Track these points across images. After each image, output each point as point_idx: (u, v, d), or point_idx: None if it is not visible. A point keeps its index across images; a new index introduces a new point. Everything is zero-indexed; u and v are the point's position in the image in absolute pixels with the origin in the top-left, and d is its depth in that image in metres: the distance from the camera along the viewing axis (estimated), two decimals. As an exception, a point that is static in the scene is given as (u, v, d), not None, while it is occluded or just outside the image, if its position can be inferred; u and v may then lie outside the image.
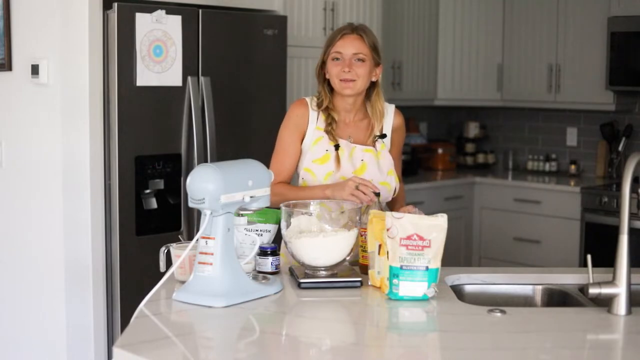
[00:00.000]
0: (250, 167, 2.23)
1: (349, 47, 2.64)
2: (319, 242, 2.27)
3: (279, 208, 2.37)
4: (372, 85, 2.73)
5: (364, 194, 2.47)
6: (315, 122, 2.71)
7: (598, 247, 4.27)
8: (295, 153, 2.72)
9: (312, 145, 2.69)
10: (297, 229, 2.31)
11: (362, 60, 2.64)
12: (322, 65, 2.72)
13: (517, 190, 5.27)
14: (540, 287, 2.45)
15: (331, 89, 2.72)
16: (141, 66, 3.47)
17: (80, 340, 3.49)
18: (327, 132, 2.69)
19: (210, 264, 2.09)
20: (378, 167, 2.70)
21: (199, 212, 2.13)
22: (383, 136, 2.74)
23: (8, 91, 3.66)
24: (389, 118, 2.78)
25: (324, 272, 2.30)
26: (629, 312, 2.05)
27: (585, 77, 5.18)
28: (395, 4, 5.28)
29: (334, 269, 2.31)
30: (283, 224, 2.32)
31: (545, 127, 5.78)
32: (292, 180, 2.81)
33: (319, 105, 2.72)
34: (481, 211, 5.46)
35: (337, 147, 2.68)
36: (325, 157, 2.67)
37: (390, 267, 2.15)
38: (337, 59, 2.65)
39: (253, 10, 3.99)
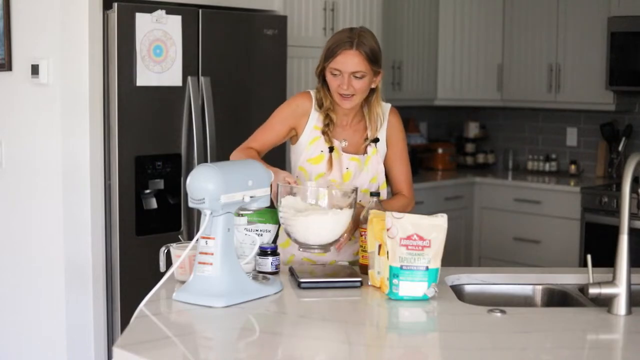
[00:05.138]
0: (250, 167, 2.23)
1: (348, 65, 2.57)
2: (327, 219, 2.36)
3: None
4: (372, 90, 2.69)
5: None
6: (315, 120, 2.71)
7: (598, 247, 4.27)
8: (278, 133, 2.71)
9: (308, 145, 2.69)
10: (291, 208, 2.38)
11: (361, 77, 2.60)
12: (322, 68, 2.67)
13: (517, 190, 5.27)
14: (540, 287, 2.45)
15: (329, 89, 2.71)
16: (141, 66, 3.47)
17: (80, 340, 3.49)
18: (324, 132, 2.68)
19: (210, 264, 2.09)
20: (361, 175, 2.69)
21: (199, 212, 2.13)
22: (376, 140, 2.72)
23: (8, 91, 3.66)
24: (385, 119, 2.75)
25: (317, 250, 2.41)
26: (629, 312, 2.05)
27: (585, 77, 5.18)
28: (395, 4, 5.28)
29: (328, 248, 2.44)
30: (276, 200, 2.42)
31: (545, 127, 5.78)
32: (263, 155, 2.76)
33: (319, 105, 2.71)
34: (481, 211, 5.46)
35: (331, 149, 2.67)
36: (319, 157, 2.67)
37: (390, 267, 2.15)
38: (336, 74, 2.61)
39: (253, 10, 3.99)
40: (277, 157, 2.85)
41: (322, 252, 2.46)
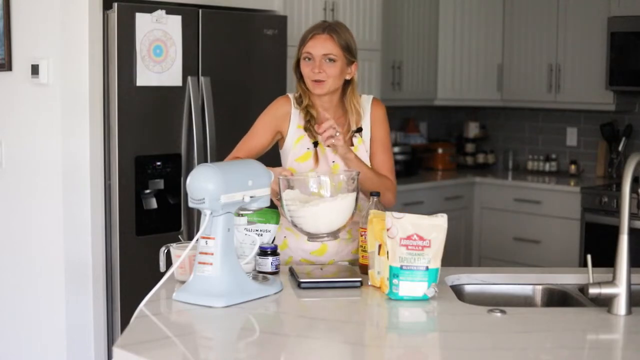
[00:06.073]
0: (250, 167, 2.23)
1: (319, 47, 2.62)
2: (338, 204, 2.39)
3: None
4: (349, 83, 2.71)
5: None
6: (297, 119, 2.71)
7: (598, 247, 4.27)
8: (262, 140, 2.72)
9: (294, 145, 2.70)
10: (295, 200, 2.39)
11: (333, 61, 2.62)
12: (298, 63, 2.70)
13: (517, 190, 5.27)
14: (540, 287, 2.45)
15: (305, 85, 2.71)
16: (141, 66, 3.47)
17: (80, 340, 3.49)
18: (306, 129, 2.69)
19: (210, 264, 2.09)
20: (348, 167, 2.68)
21: (199, 212, 2.13)
22: (359, 130, 2.71)
23: (8, 91, 3.66)
24: (367, 110, 2.75)
25: (327, 238, 2.43)
26: (629, 312, 2.05)
27: (585, 77, 5.18)
28: (395, 4, 5.28)
29: (337, 234, 2.45)
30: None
31: (545, 127, 5.78)
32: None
33: (298, 103, 2.72)
34: (481, 211, 5.45)
35: (316, 144, 2.68)
36: (306, 155, 2.68)
37: (390, 267, 2.15)
38: (308, 59, 2.64)
39: (253, 10, 3.99)
40: (275, 163, 2.83)
41: (332, 239, 2.47)
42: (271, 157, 2.77)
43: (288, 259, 2.68)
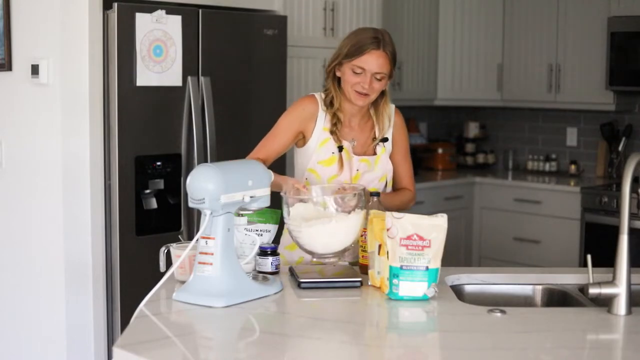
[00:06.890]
0: (250, 167, 2.23)
1: (373, 65, 2.59)
2: (331, 228, 2.36)
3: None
4: (382, 92, 2.71)
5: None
6: (323, 122, 2.70)
7: (598, 247, 4.27)
8: (285, 141, 2.70)
9: (318, 147, 2.68)
10: (300, 218, 2.38)
11: (381, 79, 2.63)
12: (336, 65, 2.66)
13: (517, 190, 5.27)
14: (540, 287, 2.45)
15: (339, 87, 2.70)
16: (141, 66, 3.47)
17: (80, 340, 3.49)
18: (332, 132, 2.68)
19: (210, 264, 2.09)
20: (371, 175, 2.70)
21: (199, 212, 2.13)
22: (385, 140, 2.73)
23: (8, 91, 3.66)
24: (392, 119, 2.78)
25: (332, 259, 2.42)
26: (629, 312, 2.05)
27: (585, 77, 5.18)
28: (395, 4, 5.28)
29: (342, 254, 2.44)
30: (285, 211, 2.42)
31: (545, 127, 5.78)
32: (271, 164, 2.78)
33: (328, 105, 2.70)
34: (481, 211, 5.46)
35: (340, 148, 2.67)
36: (331, 159, 2.67)
37: (390, 267, 2.15)
38: (359, 72, 2.61)
39: (253, 10, 3.99)
40: (279, 160, 2.83)
41: (337, 259, 2.46)
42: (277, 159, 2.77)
43: (299, 259, 2.67)
